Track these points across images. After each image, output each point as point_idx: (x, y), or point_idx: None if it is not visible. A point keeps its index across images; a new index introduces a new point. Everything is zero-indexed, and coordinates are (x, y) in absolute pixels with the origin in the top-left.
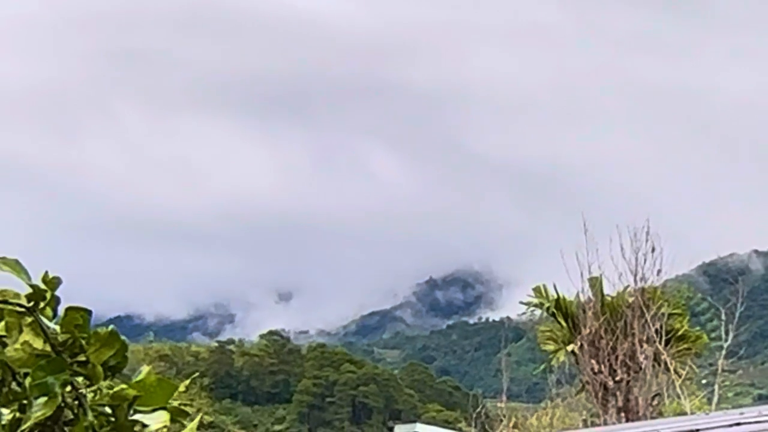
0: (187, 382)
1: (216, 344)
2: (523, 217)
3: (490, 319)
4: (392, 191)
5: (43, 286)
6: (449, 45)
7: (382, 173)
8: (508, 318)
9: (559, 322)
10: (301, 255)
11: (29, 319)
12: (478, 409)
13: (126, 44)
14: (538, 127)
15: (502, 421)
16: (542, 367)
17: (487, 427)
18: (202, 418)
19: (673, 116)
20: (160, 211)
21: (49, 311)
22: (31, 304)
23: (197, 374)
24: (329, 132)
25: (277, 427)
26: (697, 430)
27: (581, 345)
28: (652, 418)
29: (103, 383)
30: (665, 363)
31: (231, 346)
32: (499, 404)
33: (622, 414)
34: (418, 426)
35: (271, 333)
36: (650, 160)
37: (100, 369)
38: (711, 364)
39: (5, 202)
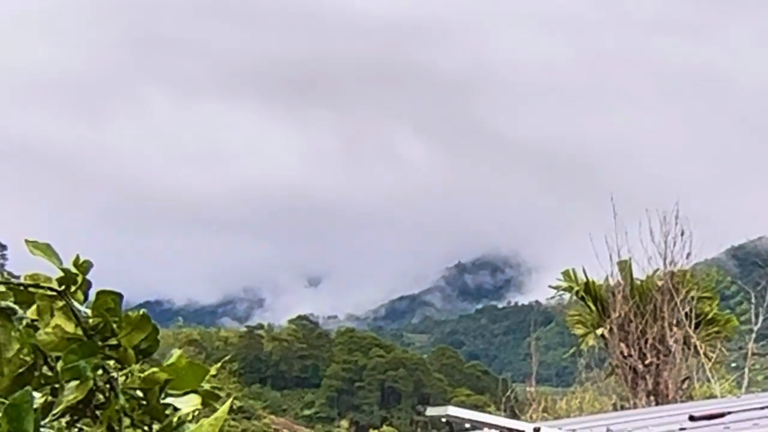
0: (218, 365)
1: (245, 329)
2: (551, 200)
3: (519, 303)
4: (420, 175)
5: (74, 270)
6: (476, 27)
7: (409, 157)
8: (536, 302)
9: (589, 306)
10: (330, 239)
11: (61, 303)
12: (507, 393)
13: (154, 30)
14: (565, 110)
15: (531, 405)
16: (571, 351)
17: (516, 410)
18: (232, 402)
19: (700, 99)
20: (189, 196)
21: (80, 295)
22: (63, 287)
23: (227, 357)
24: (356, 116)
25: (306, 412)
26: (728, 412)
27: (611, 329)
28: (682, 401)
29: (135, 367)
30: (695, 346)
31: (260, 331)
32: (528, 388)
33: (652, 397)
34: (450, 408)
35: (300, 318)
36: (678, 143)
37: (131, 352)
38: (741, 348)
39: (34, 187)
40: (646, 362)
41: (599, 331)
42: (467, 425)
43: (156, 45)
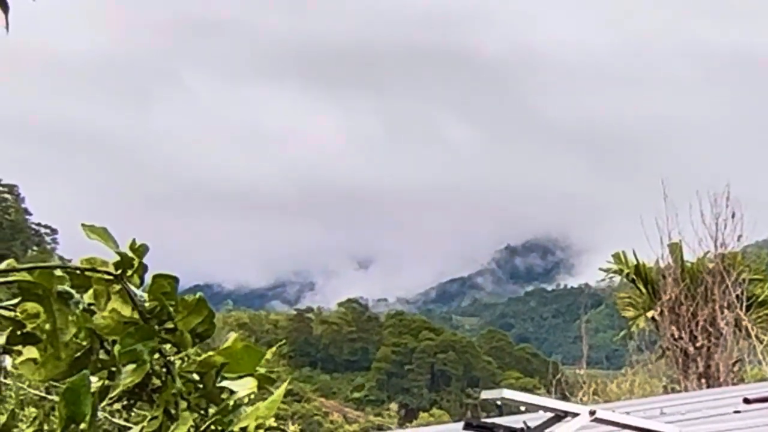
0: (274, 348)
1: (294, 312)
2: (600, 182)
3: (569, 286)
4: (465, 158)
5: (130, 254)
6: (518, 10)
7: (454, 140)
8: (586, 284)
9: (639, 289)
10: (379, 223)
11: (117, 287)
12: (557, 377)
13: (197, 13)
14: (610, 92)
15: (581, 388)
16: (622, 333)
17: (566, 393)
18: (287, 384)
19: (748, 79)
20: (234, 180)
21: (136, 279)
22: (119, 271)
23: (283, 341)
24: (400, 100)
25: (356, 395)
26: None
27: (661, 311)
28: (734, 384)
29: (191, 350)
30: (746, 329)
31: (309, 314)
32: (578, 371)
33: (703, 380)
34: (505, 391)
35: (349, 301)
36: (727, 124)
37: (188, 336)
38: None
39: (82, 172)
40: (697, 345)
41: (650, 314)
42: (522, 408)
43: (199, 29)
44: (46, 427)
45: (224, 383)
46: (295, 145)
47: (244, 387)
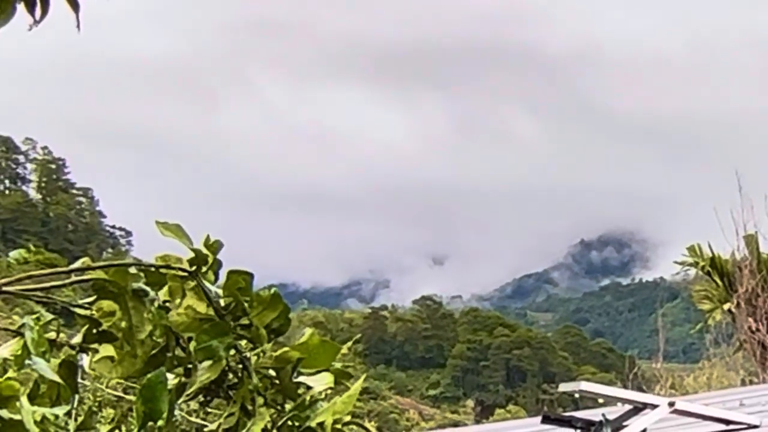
0: (350, 344)
1: (369, 310)
2: (672, 175)
3: (644, 280)
4: (535, 154)
5: (204, 250)
6: (583, 5)
7: (523, 136)
8: (661, 278)
9: (715, 281)
10: (451, 219)
11: (192, 284)
12: (634, 371)
13: (263, 14)
14: (677, 85)
15: (658, 382)
16: (698, 326)
17: (643, 387)
18: (364, 380)
19: None
20: (305, 180)
21: (211, 275)
22: (194, 268)
23: (359, 336)
24: (467, 97)
25: (431, 392)
26: None
27: (738, 303)
28: None
29: (267, 346)
30: None
31: (384, 312)
32: (654, 365)
33: None
34: (583, 384)
35: (424, 298)
36: None
37: (263, 332)
38: None
39: (154, 174)
40: None
41: (726, 306)
42: (600, 401)
43: (266, 30)
44: (123, 428)
45: (301, 378)
46: (365, 144)
47: (320, 382)
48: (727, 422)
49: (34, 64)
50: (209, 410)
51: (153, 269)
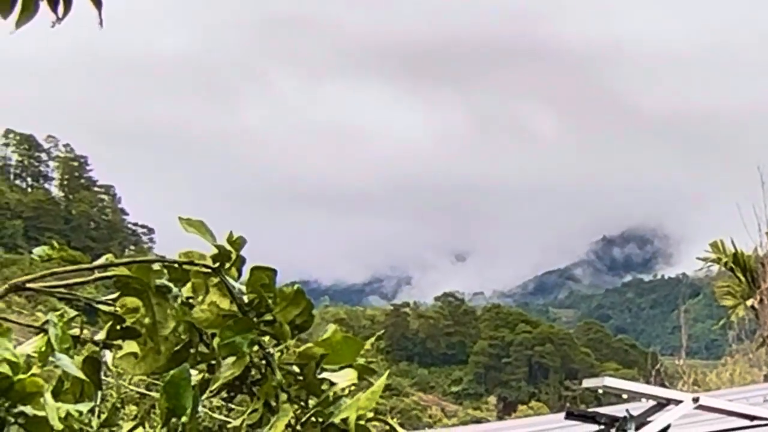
0: (373, 339)
1: (391, 307)
2: (693, 171)
3: (666, 276)
4: (555, 150)
5: (228, 247)
6: (601, 1)
7: (542, 133)
8: (683, 274)
9: (738, 277)
10: (473, 216)
11: (215, 280)
12: (657, 367)
13: (282, 11)
14: (696, 81)
15: (681, 378)
16: (721, 323)
17: (666, 384)
18: (388, 375)
19: None
20: (324, 177)
21: (234, 271)
22: (217, 264)
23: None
24: (485, 93)
25: (454, 389)
26: None
27: (761, 299)
28: None
29: (290, 342)
30: None
31: (406, 309)
32: (677, 361)
33: None
34: (607, 379)
35: (446, 295)
36: None
37: (287, 328)
38: None
39: (174, 171)
40: None
41: (749, 302)
42: (624, 396)
43: (284, 26)
44: (146, 425)
45: (324, 374)
46: (385, 141)
47: (344, 378)
48: (752, 418)
49: (55, 62)
50: (233, 406)
51: (176, 266)
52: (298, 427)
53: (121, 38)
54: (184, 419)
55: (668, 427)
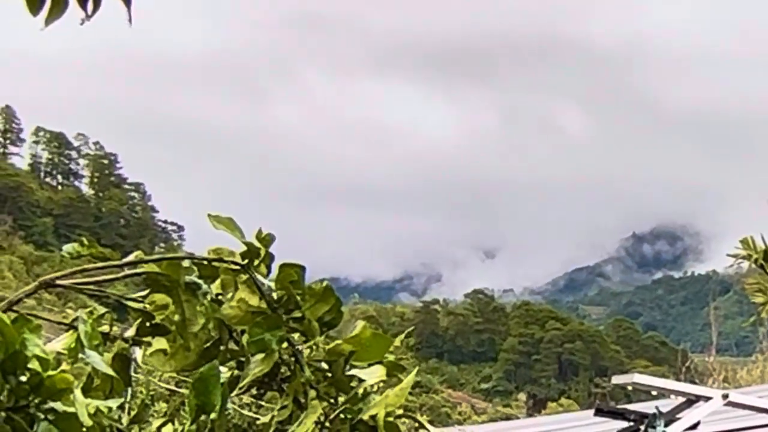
0: (402, 336)
1: (421, 304)
2: (723, 167)
3: (696, 273)
4: (583, 147)
5: (257, 244)
6: None
7: (570, 129)
8: (714, 271)
9: None
10: (502, 214)
11: (244, 277)
12: (687, 364)
13: (312, 9)
14: (724, 77)
15: (711, 375)
16: (752, 319)
17: (696, 381)
18: (416, 373)
19: None
20: (355, 174)
21: (263, 268)
22: (246, 261)
23: (409, 330)
24: (513, 91)
25: (483, 386)
26: None
27: None
28: None
29: (319, 339)
30: None
31: (436, 306)
32: (707, 359)
33: None
34: (636, 376)
35: (475, 292)
36: None
37: (315, 325)
38: None
39: (204, 168)
40: None
41: None
42: (653, 393)
43: (314, 24)
44: (176, 422)
45: (353, 371)
46: (415, 138)
47: (373, 375)
48: None
49: (86, 60)
50: (262, 403)
51: (205, 263)
52: (327, 424)
53: (152, 36)
54: (213, 416)
55: (698, 423)
